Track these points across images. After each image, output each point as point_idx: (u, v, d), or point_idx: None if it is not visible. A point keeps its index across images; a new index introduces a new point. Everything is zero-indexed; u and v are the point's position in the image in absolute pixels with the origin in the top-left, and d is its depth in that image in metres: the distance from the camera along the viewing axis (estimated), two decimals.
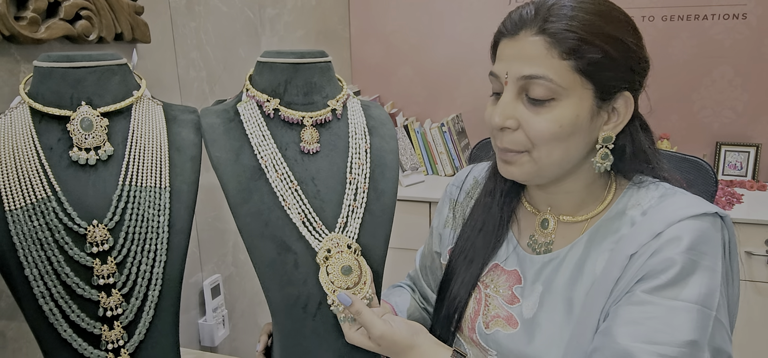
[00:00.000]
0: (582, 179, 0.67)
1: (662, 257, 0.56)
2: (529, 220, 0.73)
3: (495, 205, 0.75)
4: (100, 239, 0.64)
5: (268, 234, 0.66)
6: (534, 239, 0.71)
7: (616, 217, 0.65)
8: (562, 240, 0.69)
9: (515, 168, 0.65)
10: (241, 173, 0.67)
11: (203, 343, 1.27)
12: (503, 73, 0.62)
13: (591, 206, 0.68)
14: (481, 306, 0.72)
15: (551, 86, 0.58)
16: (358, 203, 0.69)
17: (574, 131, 0.60)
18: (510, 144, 0.63)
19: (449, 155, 2.14)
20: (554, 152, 0.61)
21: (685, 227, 0.57)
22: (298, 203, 0.67)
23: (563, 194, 0.68)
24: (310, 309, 0.67)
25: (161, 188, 0.68)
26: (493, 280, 0.72)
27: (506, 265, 0.72)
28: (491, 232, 0.74)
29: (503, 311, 0.69)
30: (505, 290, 0.70)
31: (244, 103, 0.71)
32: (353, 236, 0.68)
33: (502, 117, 0.62)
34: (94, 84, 0.67)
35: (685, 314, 0.54)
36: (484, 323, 0.70)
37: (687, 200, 0.61)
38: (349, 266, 0.64)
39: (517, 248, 0.72)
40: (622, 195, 0.66)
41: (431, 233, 0.87)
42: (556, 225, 0.69)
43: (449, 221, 0.83)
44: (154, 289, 0.67)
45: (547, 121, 0.59)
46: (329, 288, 0.63)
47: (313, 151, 0.70)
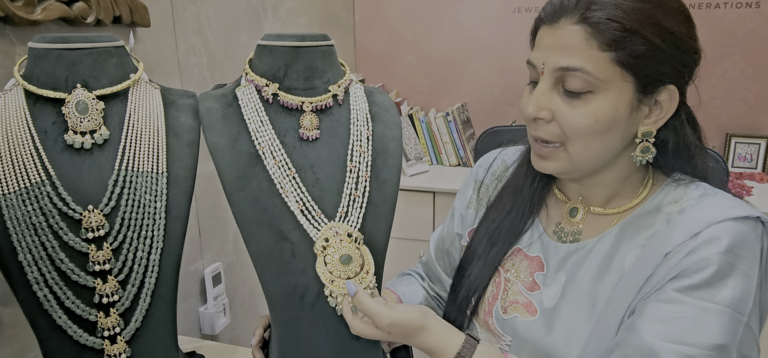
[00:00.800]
0: (619, 171, 0.65)
1: (698, 256, 0.55)
2: (557, 207, 0.72)
3: (526, 189, 0.73)
4: (95, 225, 0.62)
5: (265, 222, 0.64)
6: (560, 227, 0.69)
7: (651, 212, 0.63)
8: (590, 231, 0.67)
9: (549, 163, 0.63)
10: (238, 160, 0.65)
11: (204, 331, 1.27)
12: (540, 63, 0.60)
13: (624, 200, 0.66)
14: (499, 290, 0.71)
15: (588, 79, 0.56)
16: (359, 191, 0.67)
17: (612, 126, 0.58)
18: (544, 134, 0.62)
19: (454, 145, 2.12)
20: (590, 147, 0.59)
21: (725, 229, 0.55)
22: (296, 190, 0.65)
23: (598, 186, 0.66)
24: (308, 300, 0.66)
25: (158, 174, 0.67)
26: (514, 265, 0.71)
27: (529, 251, 0.70)
28: (519, 216, 0.72)
29: (522, 297, 0.68)
30: (526, 276, 0.69)
31: (242, 87, 0.70)
32: (355, 225, 0.66)
33: (536, 107, 0.60)
34: (90, 66, 0.65)
35: (716, 317, 0.53)
36: (502, 307, 0.69)
37: (728, 202, 0.59)
38: (348, 255, 0.62)
39: (542, 235, 0.70)
40: (658, 191, 0.64)
41: (452, 214, 0.86)
42: (585, 215, 0.68)
43: (473, 202, 0.81)
44: (150, 276, 0.66)
45: (583, 115, 0.57)
46: (326, 278, 0.62)
47: (312, 138, 0.68)
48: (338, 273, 0.62)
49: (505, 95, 2.22)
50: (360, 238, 0.65)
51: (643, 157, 0.61)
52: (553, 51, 0.58)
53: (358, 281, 0.63)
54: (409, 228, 1.93)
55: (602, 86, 0.56)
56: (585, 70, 0.56)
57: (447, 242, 0.86)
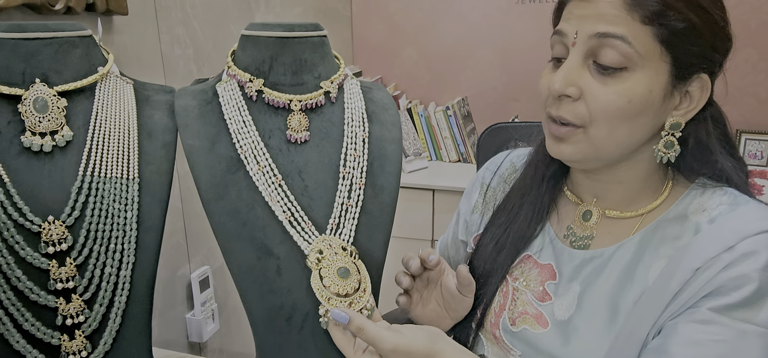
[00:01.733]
0: (639, 169, 0.59)
1: (736, 272, 0.49)
2: (568, 209, 0.66)
3: (535, 190, 0.67)
4: (56, 238, 0.56)
5: (246, 236, 0.57)
6: (571, 230, 0.64)
7: (676, 221, 0.57)
8: (605, 237, 0.61)
9: (567, 146, 0.56)
10: (215, 165, 0.58)
11: (191, 339, 1.21)
12: (572, 32, 0.54)
13: (642, 203, 0.60)
14: (507, 300, 0.65)
15: (628, 51, 0.51)
16: (352, 200, 0.61)
17: (644, 110, 0.53)
18: (567, 114, 0.55)
19: (454, 141, 2.05)
20: (617, 132, 0.54)
21: (763, 242, 0.50)
22: (282, 199, 0.58)
23: (615, 184, 0.61)
24: (296, 321, 0.59)
25: (129, 179, 0.60)
26: (523, 272, 0.65)
27: (540, 258, 0.65)
28: (527, 220, 0.67)
29: (532, 308, 0.62)
30: (536, 286, 0.63)
31: (223, 83, 0.63)
32: (348, 238, 0.59)
33: (564, 82, 0.54)
34: (51, 58, 0.58)
35: (757, 341, 0.48)
36: (510, 319, 0.64)
37: (763, 212, 0.54)
38: (346, 268, 0.56)
39: (554, 240, 0.65)
40: (683, 196, 0.59)
41: (457, 219, 0.80)
42: (600, 219, 0.62)
43: (479, 206, 0.75)
44: (120, 294, 0.59)
45: (615, 93, 0.52)
46: (323, 295, 0.55)
47: (301, 141, 0.61)
48: (336, 289, 0.55)
49: (508, 90, 2.15)
50: (355, 252, 0.59)
51: (666, 154, 0.56)
52: (589, 19, 0.53)
53: (356, 300, 0.56)
54: (408, 227, 1.87)
55: (640, 63, 0.52)
56: (626, 40, 0.51)
57: (452, 250, 0.81)
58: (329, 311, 0.54)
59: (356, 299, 0.56)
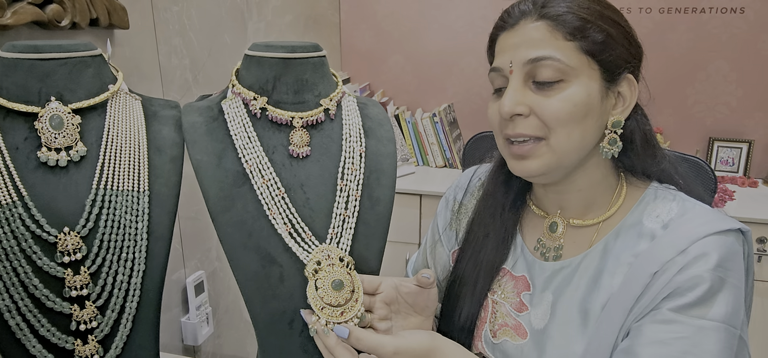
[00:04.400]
0: (592, 174, 0.64)
1: (690, 274, 0.55)
2: (536, 223, 0.70)
3: (497, 217, 0.71)
4: (72, 248, 0.59)
5: (252, 245, 0.61)
6: (542, 243, 0.68)
7: (634, 228, 0.62)
8: (572, 246, 0.66)
9: (532, 161, 0.61)
10: (223, 179, 0.62)
11: (186, 342, 1.23)
12: (507, 63, 0.60)
13: (601, 208, 0.65)
14: (488, 313, 0.69)
15: (559, 66, 0.57)
16: (349, 212, 0.65)
17: (588, 112, 0.59)
18: (524, 129, 0.60)
19: (440, 146, 2.10)
20: (572, 135, 0.59)
21: (712, 244, 0.56)
22: (285, 212, 0.62)
23: (574, 193, 0.65)
24: (297, 325, 0.63)
25: (139, 192, 0.63)
26: (501, 286, 0.69)
27: (514, 270, 0.69)
28: (495, 249, 0.70)
29: (511, 319, 0.66)
30: (513, 297, 0.68)
31: (228, 100, 0.66)
32: (346, 248, 0.64)
33: (512, 103, 0.59)
34: (65, 78, 0.61)
35: (713, 334, 0.53)
36: (492, 331, 0.68)
37: (709, 215, 0.59)
38: (340, 281, 0.60)
39: (525, 253, 0.69)
40: (638, 203, 0.64)
41: (426, 244, 0.83)
42: (566, 229, 0.67)
43: (452, 223, 0.79)
44: (131, 300, 0.63)
45: (560, 100, 0.58)
46: (317, 304, 0.59)
47: (302, 155, 0.65)
48: (329, 299, 0.59)
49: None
50: (351, 263, 0.63)
51: (611, 150, 0.61)
52: (519, 48, 0.59)
53: (347, 309, 0.60)
54: (395, 231, 1.90)
55: (573, 73, 0.58)
56: (555, 58, 0.57)
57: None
58: (321, 319, 0.58)
59: (348, 309, 0.60)
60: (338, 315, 0.59)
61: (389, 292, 0.64)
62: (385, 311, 0.64)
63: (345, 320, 0.59)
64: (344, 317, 0.59)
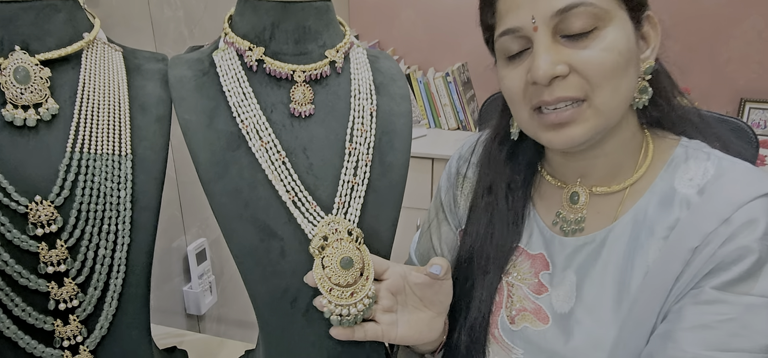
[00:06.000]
0: (622, 133, 0.56)
1: (735, 245, 0.48)
2: (553, 194, 0.62)
3: (501, 205, 0.63)
4: (45, 219, 0.52)
5: (248, 216, 0.54)
6: (562, 216, 0.60)
7: (666, 196, 0.54)
8: (596, 218, 0.58)
9: (576, 128, 0.52)
10: (214, 141, 0.54)
11: (189, 311, 1.19)
12: (527, 20, 0.50)
13: (628, 172, 0.57)
14: (503, 298, 0.62)
15: (594, 11, 0.49)
16: (358, 179, 0.57)
17: (630, 59, 0.51)
18: (567, 91, 0.51)
19: (454, 108, 2.00)
20: (619, 89, 0.51)
21: (759, 208, 0.48)
22: (286, 178, 0.55)
23: (601, 158, 0.57)
24: (300, 304, 0.57)
25: (121, 156, 0.56)
26: (515, 265, 0.62)
27: (530, 248, 0.62)
28: (508, 227, 0.63)
29: (529, 302, 0.60)
30: (530, 278, 0.61)
31: (221, 51, 0.58)
32: (354, 219, 0.56)
33: (549, 64, 0.49)
34: (31, 24, 0.53)
35: (764, 312, 0.46)
36: (509, 317, 0.61)
37: (752, 175, 0.51)
38: (349, 258, 0.53)
39: (543, 229, 0.62)
40: (667, 165, 0.56)
41: (428, 222, 0.75)
42: (588, 198, 0.59)
43: (458, 199, 0.71)
44: (116, 277, 0.56)
45: (603, 51, 0.49)
46: (325, 286, 0.53)
47: (305, 115, 0.57)
48: (337, 279, 0.53)
49: None
50: (360, 236, 0.56)
51: (642, 99, 0.54)
52: (539, 1, 0.50)
53: (357, 290, 0.54)
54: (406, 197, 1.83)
55: (606, 18, 0.50)
56: (588, 2, 0.49)
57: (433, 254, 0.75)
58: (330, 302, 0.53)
59: (358, 289, 0.54)
60: (348, 296, 0.53)
61: (396, 280, 0.57)
62: (389, 302, 0.57)
63: (355, 301, 0.53)
64: (354, 298, 0.53)
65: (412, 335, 0.58)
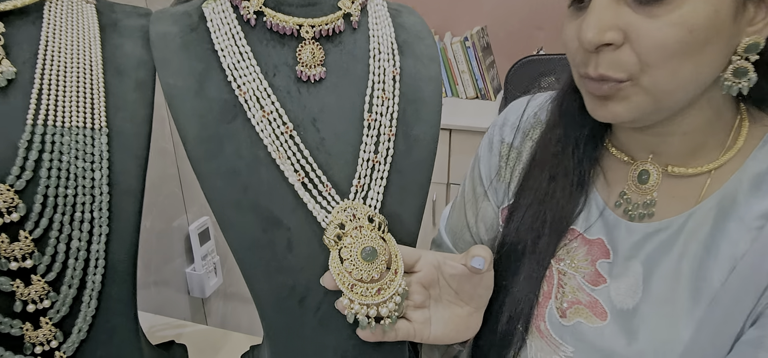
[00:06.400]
0: (704, 112, 0.46)
1: None
2: (618, 171, 0.53)
3: (567, 162, 0.54)
4: (4, 207, 0.43)
5: (248, 203, 0.45)
6: (627, 198, 0.51)
7: (760, 180, 0.45)
8: (670, 202, 0.49)
9: (618, 105, 0.44)
10: (205, 111, 0.45)
11: (193, 294, 1.12)
12: None
13: (713, 151, 0.48)
14: (552, 287, 0.53)
15: None
16: (380, 156, 0.48)
17: (710, 38, 0.40)
18: (610, 69, 0.42)
19: (472, 75, 1.89)
20: (681, 73, 0.41)
21: None
22: (294, 156, 0.45)
23: (677, 136, 0.48)
24: (311, 303, 0.48)
25: (94, 130, 0.47)
26: (569, 252, 0.53)
27: (589, 233, 0.53)
28: (566, 198, 0.54)
29: (584, 295, 0.51)
30: (586, 267, 0.52)
31: (212, 3, 0.48)
32: (375, 204, 0.47)
33: (598, 28, 0.41)
34: None
35: None
36: (559, 310, 0.52)
37: None
38: (372, 248, 0.44)
39: (604, 211, 0.53)
40: (761, 145, 0.46)
41: (463, 199, 0.66)
42: (661, 178, 0.50)
43: (502, 171, 0.62)
44: (93, 272, 0.48)
45: (671, 25, 0.39)
46: (345, 282, 0.44)
47: (315, 79, 0.48)
48: (360, 274, 0.44)
49: (532, 17, 1.95)
50: (384, 224, 0.46)
51: (736, 83, 0.43)
52: None
53: (384, 286, 0.45)
54: None
55: None
56: None
57: (467, 234, 0.66)
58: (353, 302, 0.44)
59: (386, 285, 0.45)
60: (374, 293, 0.44)
61: (429, 272, 0.49)
62: (422, 297, 0.49)
63: (383, 300, 0.45)
64: (382, 295, 0.45)
65: (447, 333, 0.50)
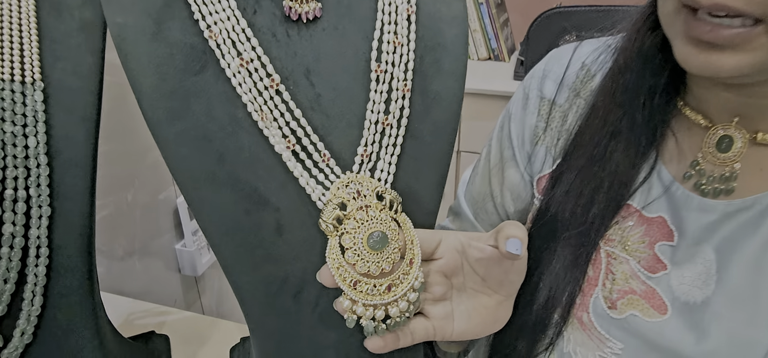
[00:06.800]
0: None
1: None
2: (691, 136, 0.43)
3: (635, 114, 0.44)
4: None
5: (225, 177, 0.35)
6: (700, 169, 0.42)
7: None
8: (757, 176, 0.40)
9: (733, 58, 0.33)
10: (165, 61, 0.35)
11: (184, 272, 1.03)
12: None
13: None
14: (600, 272, 0.45)
15: None
16: (392, 117, 0.38)
17: None
18: (738, 1, 0.31)
19: (485, 34, 1.76)
20: None
21: None
22: (281, 117, 0.35)
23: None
24: (308, 297, 0.39)
25: (25, 84, 0.37)
26: (621, 230, 0.44)
27: (647, 210, 0.44)
28: (630, 160, 0.44)
29: (639, 283, 0.43)
30: (643, 250, 0.43)
31: None
32: (386, 178, 0.37)
33: None
34: None
35: None
36: (608, 299, 0.44)
37: None
38: (382, 234, 0.35)
39: (671, 184, 0.43)
40: None
41: (488, 162, 0.56)
42: (746, 147, 0.41)
43: (540, 133, 0.52)
44: (35, 263, 0.39)
45: None
46: (346, 277, 0.35)
47: (308, 18, 0.37)
48: (366, 266, 0.34)
49: None
50: (397, 202, 0.37)
51: None
52: None
53: (397, 281, 0.36)
54: None
55: None
56: None
57: (490, 204, 0.58)
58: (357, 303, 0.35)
59: (399, 279, 0.36)
60: (383, 291, 0.35)
61: (451, 258, 0.40)
62: (442, 288, 0.40)
63: (394, 298, 0.36)
64: (393, 293, 0.36)
65: (472, 328, 0.42)
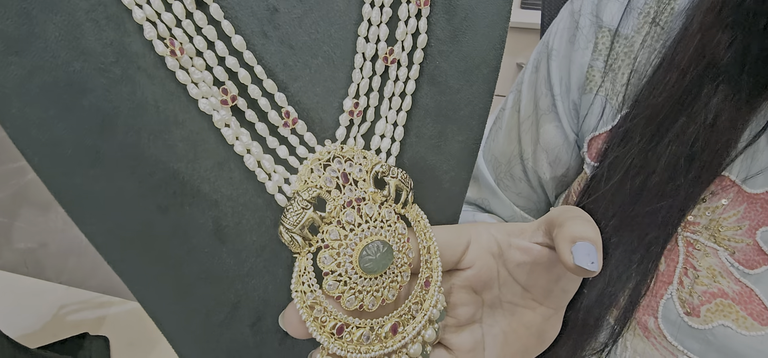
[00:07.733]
0: None
1: None
2: None
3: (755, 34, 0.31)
4: None
5: (114, 153, 0.22)
6: None
7: None
8: None
9: None
10: None
11: None
12: None
13: None
14: (676, 266, 0.35)
15: None
16: (398, 48, 0.25)
17: None
18: None
19: None
20: None
21: None
22: (209, 47, 0.22)
23: None
24: (268, 325, 0.28)
25: None
26: (709, 212, 0.34)
27: (750, 183, 0.34)
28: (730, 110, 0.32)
29: (730, 282, 0.34)
30: (737, 239, 0.34)
31: None
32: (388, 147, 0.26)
33: None
34: None
35: None
36: (686, 303, 0.35)
37: None
38: (382, 245, 0.22)
39: None
40: None
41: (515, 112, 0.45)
42: None
43: (595, 76, 0.38)
44: None
45: None
46: (324, 323, 0.23)
47: None
48: (357, 301, 0.23)
49: None
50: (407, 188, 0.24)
51: None
52: None
53: (407, 318, 0.23)
54: None
55: None
56: None
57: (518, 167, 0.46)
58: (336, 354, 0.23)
59: (408, 314, 0.24)
60: (385, 336, 0.23)
61: (484, 265, 0.28)
62: (471, 309, 0.28)
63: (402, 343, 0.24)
64: (401, 336, 0.23)
65: (510, 356, 0.30)
